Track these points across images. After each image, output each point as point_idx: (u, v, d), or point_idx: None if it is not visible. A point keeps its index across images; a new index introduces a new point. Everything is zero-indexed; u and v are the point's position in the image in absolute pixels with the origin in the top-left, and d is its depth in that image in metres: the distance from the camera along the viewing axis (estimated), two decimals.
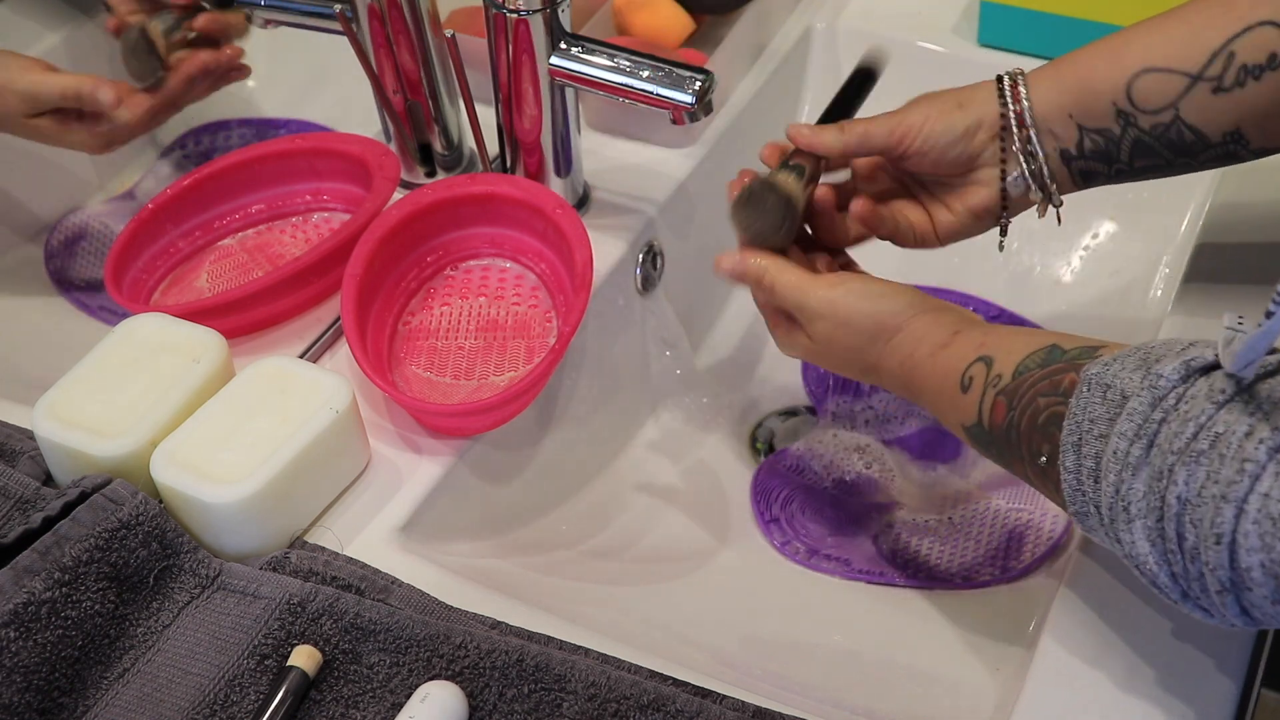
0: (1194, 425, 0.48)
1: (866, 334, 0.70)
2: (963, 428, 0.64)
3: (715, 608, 0.78)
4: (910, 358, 0.68)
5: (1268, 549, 0.46)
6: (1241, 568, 0.47)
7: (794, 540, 0.83)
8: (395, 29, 0.82)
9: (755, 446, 0.92)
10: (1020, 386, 0.59)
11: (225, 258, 0.86)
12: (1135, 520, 0.50)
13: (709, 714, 0.58)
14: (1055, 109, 0.70)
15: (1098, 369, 0.54)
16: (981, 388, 0.62)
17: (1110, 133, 0.69)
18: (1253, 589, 0.47)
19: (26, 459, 0.70)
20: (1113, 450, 0.51)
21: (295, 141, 0.89)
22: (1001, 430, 0.60)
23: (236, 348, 0.76)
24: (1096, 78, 0.69)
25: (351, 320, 0.74)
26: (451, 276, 0.82)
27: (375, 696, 0.59)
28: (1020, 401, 0.59)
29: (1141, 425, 0.50)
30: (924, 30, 1.01)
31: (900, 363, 0.68)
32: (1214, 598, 0.49)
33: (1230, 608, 0.49)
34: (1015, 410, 0.59)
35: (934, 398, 0.66)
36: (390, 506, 0.70)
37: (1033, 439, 0.58)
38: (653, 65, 0.76)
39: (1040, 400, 0.57)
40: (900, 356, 0.68)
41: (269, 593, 0.62)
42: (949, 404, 0.65)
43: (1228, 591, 0.48)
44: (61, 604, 0.60)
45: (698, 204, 0.93)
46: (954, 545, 0.81)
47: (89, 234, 0.93)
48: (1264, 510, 0.46)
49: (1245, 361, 0.47)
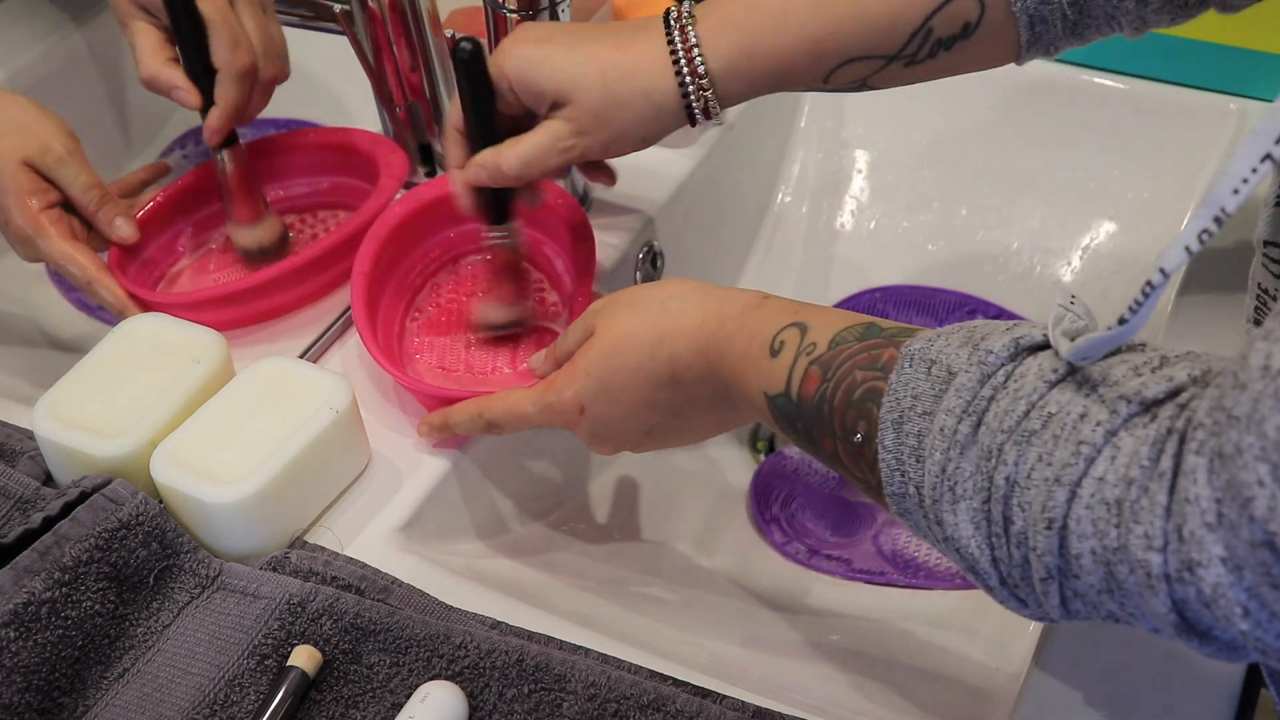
0: (1025, 403, 0.46)
1: (648, 341, 0.63)
2: (766, 396, 0.58)
3: (715, 608, 0.78)
4: (710, 323, 0.61)
5: (1100, 535, 0.43)
6: (1071, 554, 0.44)
7: (794, 540, 0.83)
8: (395, 29, 0.82)
9: (755, 446, 0.92)
10: (836, 357, 0.55)
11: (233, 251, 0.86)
12: (960, 501, 0.47)
13: (709, 714, 0.58)
14: (744, 95, 0.68)
15: (920, 344, 0.51)
16: (794, 354, 0.57)
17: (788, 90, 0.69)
18: (1080, 576, 0.45)
19: (26, 459, 0.70)
20: (939, 427, 0.48)
21: (302, 136, 0.89)
22: (812, 403, 0.55)
23: (238, 344, 0.76)
24: (795, 76, 0.67)
25: (362, 313, 0.74)
26: (457, 271, 0.82)
27: (375, 696, 0.59)
28: (836, 373, 0.54)
29: (970, 402, 0.48)
30: None
31: (697, 333, 0.61)
32: (1036, 585, 0.46)
33: (1051, 597, 0.46)
34: (829, 382, 0.55)
35: (737, 361, 0.59)
36: (390, 506, 0.70)
37: (847, 414, 0.53)
38: None
39: (858, 374, 0.53)
40: (696, 331, 0.61)
41: (269, 593, 0.62)
42: (753, 368, 0.58)
43: (1052, 579, 0.46)
44: (61, 604, 0.60)
45: (698, 204, 0.93)
46: None
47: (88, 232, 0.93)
48: (1098, 495, 0.43)
49: (1083, 356, 0.46)
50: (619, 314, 0.64)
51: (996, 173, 0.98)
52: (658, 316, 0.63)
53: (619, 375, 0.63)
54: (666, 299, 0.63)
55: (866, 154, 1.03)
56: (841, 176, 1.03)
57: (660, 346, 0.62)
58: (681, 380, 0.63)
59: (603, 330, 0.65)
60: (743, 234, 1.01)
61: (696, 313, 0.62)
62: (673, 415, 0.65)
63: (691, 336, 0.62)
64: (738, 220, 1.00)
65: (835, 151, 1.03)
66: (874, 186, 1.03)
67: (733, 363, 0.60)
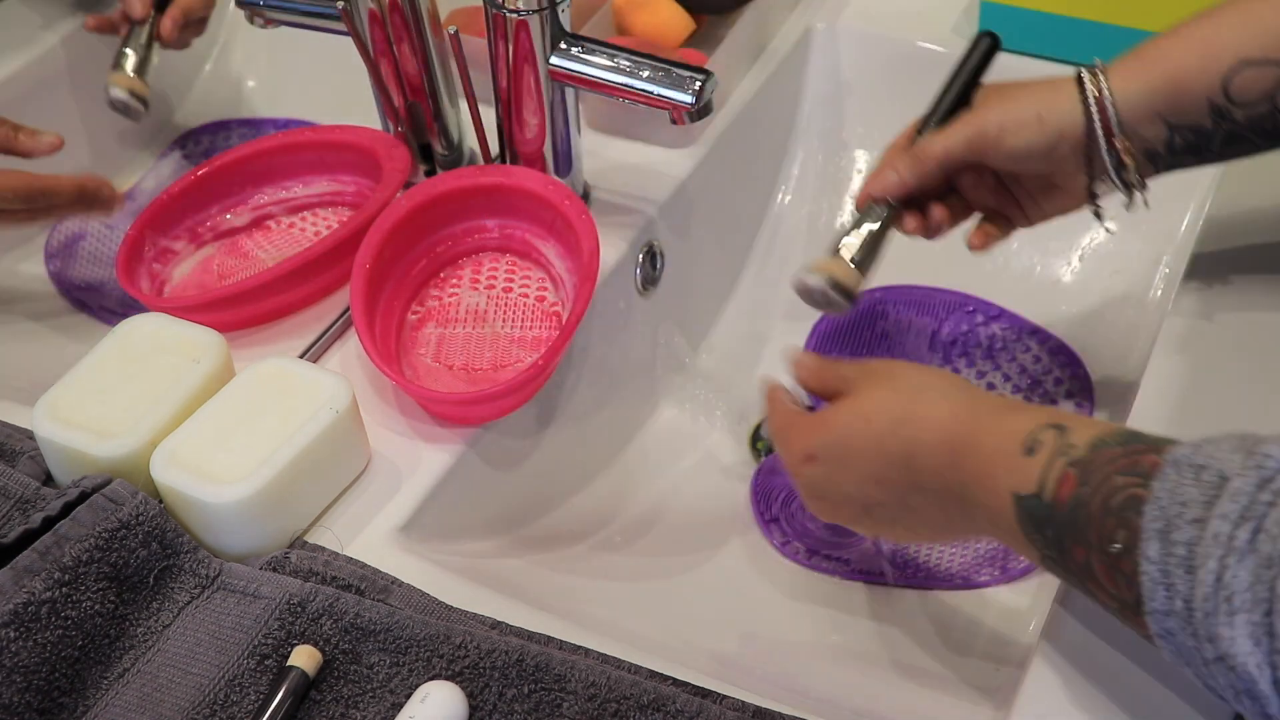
0: None
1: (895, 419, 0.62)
2: (1015, 496, 0.55)
3: (715, 608, 0.78)
4: (963, 416, 0.59)
5: None
6: None
7: (794, 540, 0.84)
8: (395, 29, 0.82)
9: (755, 446, 0.92)
10: (1096, 460, 0.52)
11: (236, 249, 0.86)
12: (1239, 614, 0.43)
13: (709, 714, 0.58)
14: (1143, 111, 0.66)
15: (1187, 450, 0.48)
16: (1050, 455, 0.54)
17: (1203, 128, 0.66)
18: None
19: (26, 459, 0.70)
20: (1213, 534, 0.45)
21: (306, 134, 0.89)
22: (1066, 507, 0.52)
23: (238, 344, 0.76)
24: (1189, 76, 0.65)
25: (361, 310, 0.74)
26: (459, 267, 0.82)
27: (375, 696, 0.59)
28: (1094, 477, 0.51)
29: (1247, 507, 0.44)
30: (924, 30, 1.01)
31: (947, 423, 0.60)
32: None
33: None
34: (1087, 486, 0.51)
35: (985, 459, 0.57)
36: (390, 506, 0.70)
37: (1105, 522, 0.50)
38: (653, 65, 0.76)
39: (1118, 479, 0.50)
40: (946, 420, 0.60)
41: (269, 593, 0.62)
42: (1003, 467, 0.56)
43: None
44: (61, 604, 0.60)
45: (698, 204, 0.93)
46: (954, 545, 0.81)
47: (89, 234, 0.93)
48: None
49: None
50: (877, 385, 0.64)
51: None
52: (910, 399, 0.62)
53: (858, 440, 0.63)
54: (923, 387, 0.63)
55: (866, 154, 1.03)
56: (841, 176, 1.03)
57: (904, 426, 0.61)
58: (917, 466, 0.61)
59: (856, 394, 0.64)
60: (743, 234, 1.01)
61: (947, 405, 0.60)
62: (898, 499, 0.62)
63: (939, 426, 0.60)
64: (738, 220, 1.00)
65: (835, 151, 1.03)
66: None
67: (980, 461, 0.57)
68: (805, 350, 0.72)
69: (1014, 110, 0.69)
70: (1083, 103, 0.67)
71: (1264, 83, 0.64)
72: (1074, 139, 0.68)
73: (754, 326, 0.99)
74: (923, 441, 0.60)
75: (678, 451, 0.91)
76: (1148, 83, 0.66)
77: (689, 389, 0.94)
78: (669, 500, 0.87)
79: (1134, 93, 0.67)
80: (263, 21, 0.87)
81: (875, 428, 0.62)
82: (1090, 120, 0.67)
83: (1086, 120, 0.67)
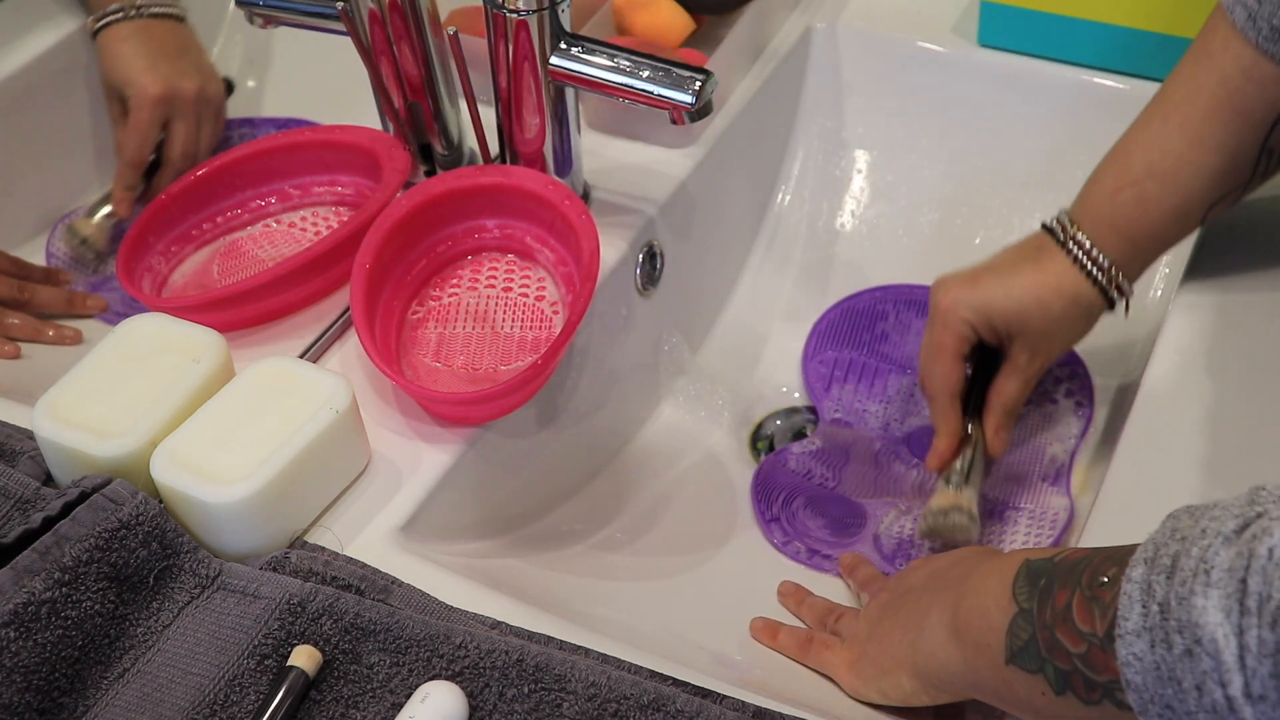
0: None
1: (972, 554, 0.66)
2: (1025, 560, 0.56)
3: (716, 607, 0.78)
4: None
5: None
6: None
7: (795, 540, 0.83)
8: (395, 29, 0.82)
9: (755, 446, 0.92)
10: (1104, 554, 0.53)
11: (236, 249, 0.86)
12: (1214, 588, 0.43)
13: (709, 714, 0.58)
14: (1142, 269, 0.77)
15: (1188, 506, 0.48)
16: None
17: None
18: None
19: (26, 459, 0.70)
20: (1201, 529, 0.45)
21: (306, 134, 0.89)
22: (1071, 563, 0.53)
23: (238, 344, 0.76)
24: (1177, 238, 0.76)
25: (360, 310, 0.74)
26: (459, 267, 0.82)
27: (375, 696, 0.59)
28: (1107, 550, 0.53)
29: (1238, 514, 0.45)
30: (924, 30, 1.01)
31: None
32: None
33: None
34: (1099, 553, 0.52)
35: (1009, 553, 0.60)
36: (390, 506, 0.70)
37: (1102, 565, 0.51)
38: (653, 65, 0.76)
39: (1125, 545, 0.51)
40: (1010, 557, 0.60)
41: (269, 593, 0.62)
42: (1026, 551, 0.58)
43: None
44: (61, 604, 0.60)
45: (698, 204, 0.93)
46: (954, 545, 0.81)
47: None
48: None
49: None
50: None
51: (996, 173, 0.98)
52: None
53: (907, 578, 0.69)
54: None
55: (866, 154, 1.03)
56: (841, 176, 1.03)
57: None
58: (909, 576, 0.68)
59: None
60: (743, 234, 1.01)
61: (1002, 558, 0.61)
62: (887, 607, 0.67)
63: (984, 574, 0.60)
64: (738, 220, 1.00)
65: (835, 151, 1.03)
66: (874, 186, 1.03)
67: (1007, 556, 0.59)
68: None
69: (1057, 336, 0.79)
70: (1097, 287, 0.76)
71: (1227, 206, 0.75)
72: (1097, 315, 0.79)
73: (754, 326, 0.99)
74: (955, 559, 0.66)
75: (678, 451, 0.91)
76: (1146, 259, 0.77)
77: (689, 389, 0.94)
78: (669, 500, 0.87)
79: (1136, 271, 0.77)
80: (262, 21, 0.87)
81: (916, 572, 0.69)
82: (1107, 293, 0.77)
83: (1103, 294, 0.77)
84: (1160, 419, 0.71)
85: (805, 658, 0.70)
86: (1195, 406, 0.71)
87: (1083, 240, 0.76)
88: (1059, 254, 0.77)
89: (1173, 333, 0.76)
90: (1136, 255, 0.76)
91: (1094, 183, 0.77)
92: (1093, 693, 0.50)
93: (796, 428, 0.93)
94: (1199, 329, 0.75)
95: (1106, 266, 0.76)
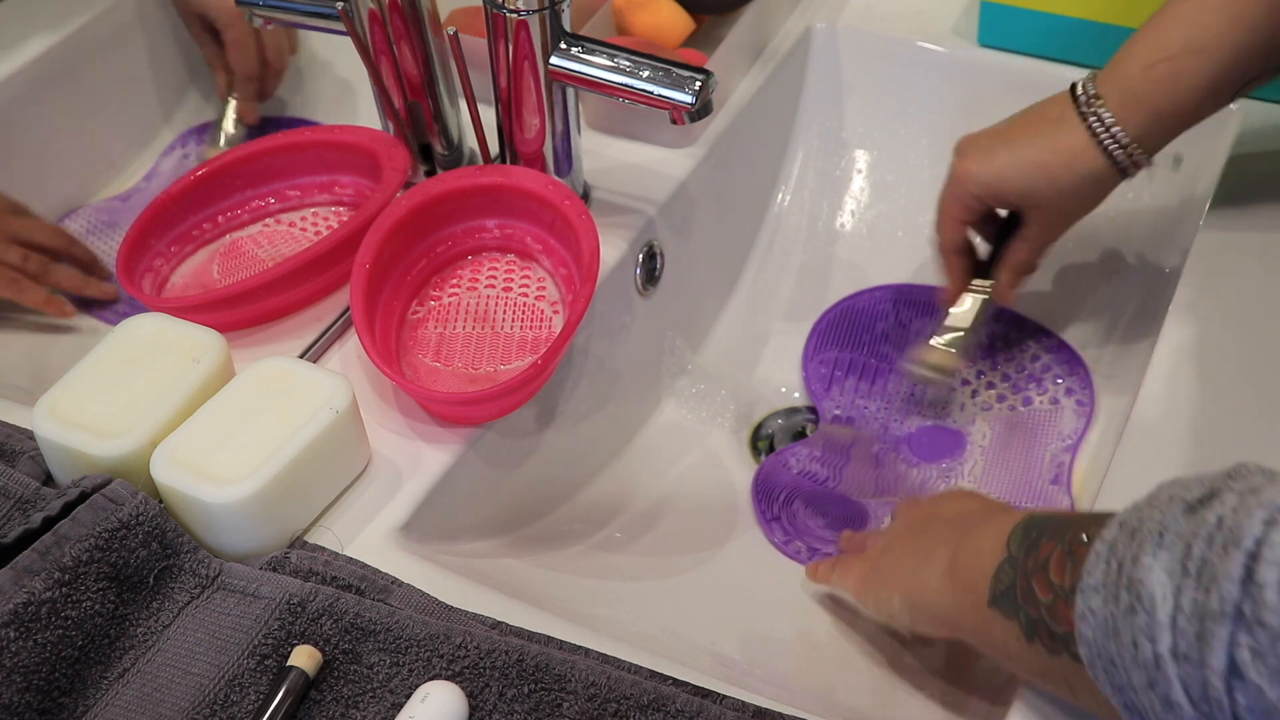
0: (1265, 479, 0.45)
1: (993, 507, 0.67)
2: (1029, 513, 0.59)
3: (716, 607, 0.78)
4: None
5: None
6: (1257, 581, 0.41)
7: (795, 539, 0.83)
8: (395, 29, 0.82)
9: (755, 446, 0.92)
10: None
11: (236, 249, 0.86)
12: (1163, 549, 0.45)
13: (709, 714, 0.58)
14: (1164, 142, 0.76)
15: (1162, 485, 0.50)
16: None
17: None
18: (1262, 620, 0.41)
19: (26, 459, 0.70)
20: (1167, 497, 0.47)
21: (306, 134, 0.89)
22: (1067, 519, 0.55)
23: (238, 344, 0.76)
24: (1204, 112, 0.75)
25: (360, 310, 0.74)
26: (459, 267, 0.82)
27: (375, 696, 0.59)
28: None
29: (1207, 484, 0.46)
30: (924, 30, 1.02)
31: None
32: (1207, 632, 0.43)
33: (1218, 651, 0.42)
34: (1103, 516, 0.53)
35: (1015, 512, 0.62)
36: (390, 506, 0.70)
37: (1088, 524, 0.52)
38: (653, 65, 0.76)
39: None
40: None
41: (269, 593, 0.62)
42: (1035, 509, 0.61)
43: (1224, 619, 0.42)
44: (61, 604, 0.60)
45: (698, 204, 0.93)
46: None
47: (88, 234, 0.93)
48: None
49: None
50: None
51: None
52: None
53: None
54: None
55: (866, 154, 1.03)
56: (841, 176, 1.03)
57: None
58: (942, 505, 0.69)
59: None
60: (743, 234, 1.01)
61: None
62: (910, 529, 0.69)
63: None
64: (738, 220, 1.00)
65: (835, 151, 1.03)
66: (874, 186, 1.03)
67: (1016, 510, 0.61)
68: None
69: (1076, 199, 0.79)
70: (1113, 162, 0.76)
71: (1257, 85, 0.74)
72: (1111, 188, 0.78)
73: (754, 326, 0.99)
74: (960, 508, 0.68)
75: (678, 451, 0.91)
76: (1170, 134, 0.76)
77: (689, 388, 0.94)
78: (670, 500, 0.87)
79: (1157, 145, 0.76)
80: (262, 21, 0.87)
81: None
82: (1122, 167, 0.76)
83: (1119, 168, 0.77)
84: (1160, 419, 0.71)
85: (831, 576, 0.73)
86: (1195, 406, 0.71)
87: (1104, 115, 0.75)
88: (1078, 126, 0.76)
89: (1173, 333, 0.76)
90: (1162, 130, 0.75)
91: (1126, 55, 0.76)
92: (1054, 643, 0.52)
93: (796, 428, 0.93)
94: (1199, 329, 0.75)
95: (1126, 143, 0.75)
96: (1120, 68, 0.76)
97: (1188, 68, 0.73)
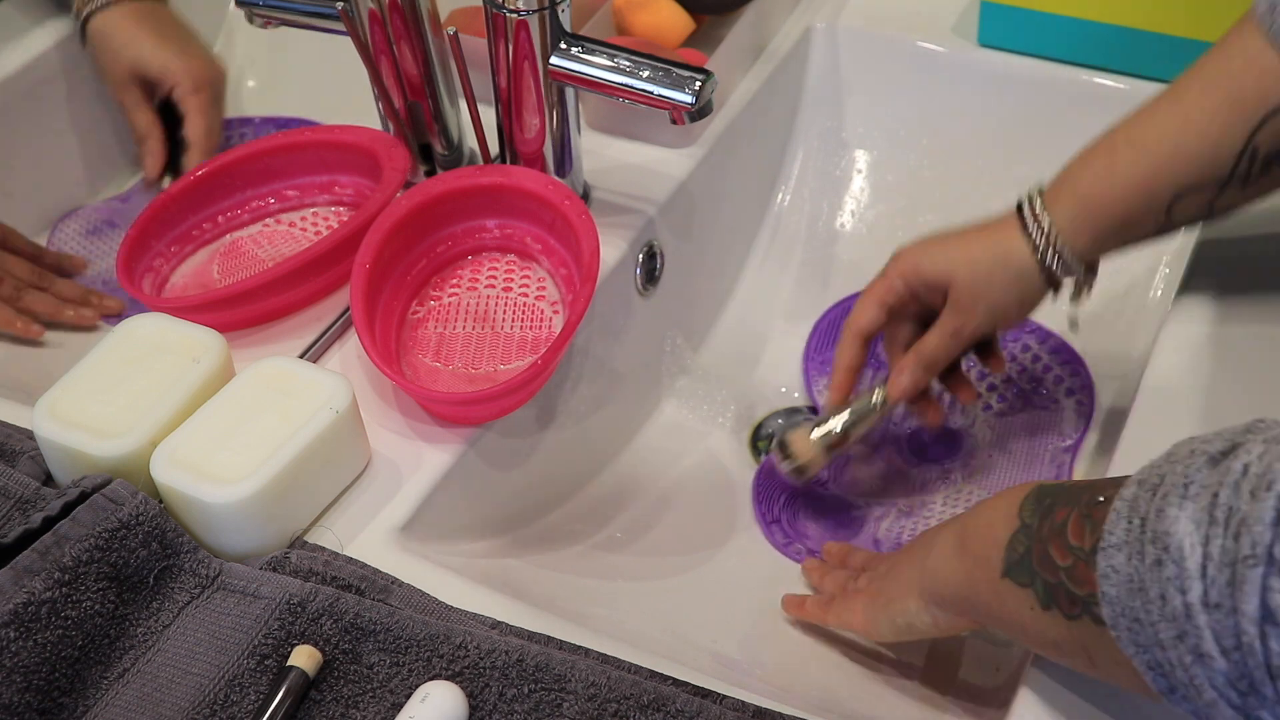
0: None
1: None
2: (1040, 483, 0.59)
3: (716, 608, 0.78)
4: None
5: None
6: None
7: (795, 541, 0.83)
8: (395, 29, 0.82)
9: (756, 446, 0.92)
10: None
11: (236, 249, 0.86)
12: (1188, 501, 0.45)
13: (709, 714, 0.58)
14: (1094, 247, 0.74)
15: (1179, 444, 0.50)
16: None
17: (1143, 238, 0.74)
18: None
19: (26, 459, 0.70)
20: (1190, 450, 0.47)
21: (306, 134, 0.89)
22: (1078, 487, 0.55)
23: (238, 344, 0.76)
24: (1137, 220, 0.72)
25: (360, 310, 0.74)
26: (459, 267, 0.82)
27: (375, 696, 0.59)
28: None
29: (1230, 436, 0.47)
30: (924, 30, 1.02)
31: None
32: (1239, 578, 0.43)
33: (1251, 596, 0.42)
34: (1111, 483, 0.54)
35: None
36: (390, 506, 0.70)
37: (1104, 487, 0.52)
38: (653, 65, 0.76)
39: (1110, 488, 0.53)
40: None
41: (269, 593, 0.62)
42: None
43: (1257, 563, 0.42)
44: (61, 604, 0.60)
45: (698, 204, 0.93)
46: None
47: (88, 234, 0.93)
48: None
49: None
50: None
51: (996, 173, 0.98)
52: None
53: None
54: None
55: (866, 154, 1.03)
56: (841, 176, 1.03)
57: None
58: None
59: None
60: (743, 234, 1.01)
61: None
62: (905, 549, 0.69)
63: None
64: (738, 220, 1.00)
65: (835, 151, 1.03)
66: (874, 186, 1.03)
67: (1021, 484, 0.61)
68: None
69: (998, 298, 0.76)
70: (1049, 284, 0.75)
71: (1200, 201, 0.71)
72: (1041, 289, 0.76)
73: (754, 326, 0.99)
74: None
75: (678, 451, 0.91)
76: (1096, 237, 0.73)
77: (689, 389, 0.94)
78: (669, 500, 0.87)
79: (1084, 245, 0.73)
80: (262, 21, 0.87)
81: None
82: (1042, 259, 0.74)
83: (1051, 288, 0.75)
84: (1160, 419, 0.71)
85: (827, 618, 0.72)
86: (1195, 406, 0.71)
87: (1035, 202, 0.74)
88: (1010, 217, 0.76)
89: (1173, 333, 0.76)
90: (1092, 227, 0.73)
91: (1078, 153, 0.76)
92: (1074, 607, 0.52)
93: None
94: (1199, 329, 0.75)
95: (1047, 228, 0.73)
96: (1067, 165, 0.75)
97: (1122, 159, 0.72)
